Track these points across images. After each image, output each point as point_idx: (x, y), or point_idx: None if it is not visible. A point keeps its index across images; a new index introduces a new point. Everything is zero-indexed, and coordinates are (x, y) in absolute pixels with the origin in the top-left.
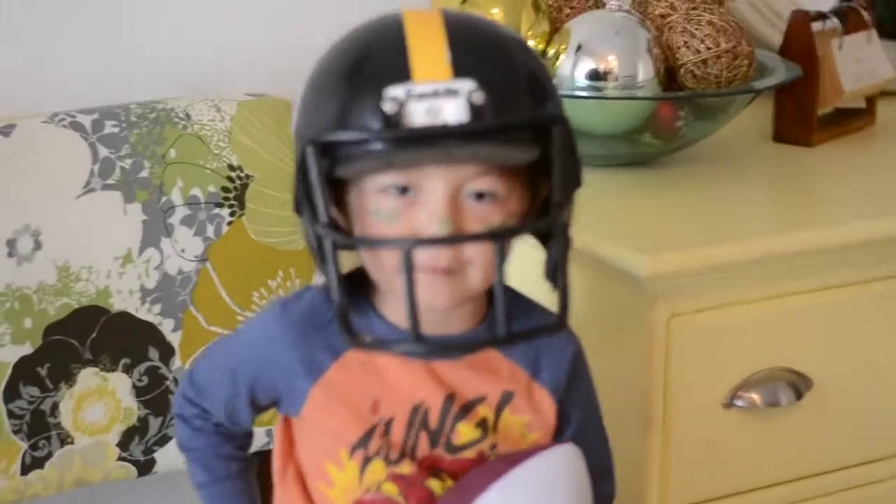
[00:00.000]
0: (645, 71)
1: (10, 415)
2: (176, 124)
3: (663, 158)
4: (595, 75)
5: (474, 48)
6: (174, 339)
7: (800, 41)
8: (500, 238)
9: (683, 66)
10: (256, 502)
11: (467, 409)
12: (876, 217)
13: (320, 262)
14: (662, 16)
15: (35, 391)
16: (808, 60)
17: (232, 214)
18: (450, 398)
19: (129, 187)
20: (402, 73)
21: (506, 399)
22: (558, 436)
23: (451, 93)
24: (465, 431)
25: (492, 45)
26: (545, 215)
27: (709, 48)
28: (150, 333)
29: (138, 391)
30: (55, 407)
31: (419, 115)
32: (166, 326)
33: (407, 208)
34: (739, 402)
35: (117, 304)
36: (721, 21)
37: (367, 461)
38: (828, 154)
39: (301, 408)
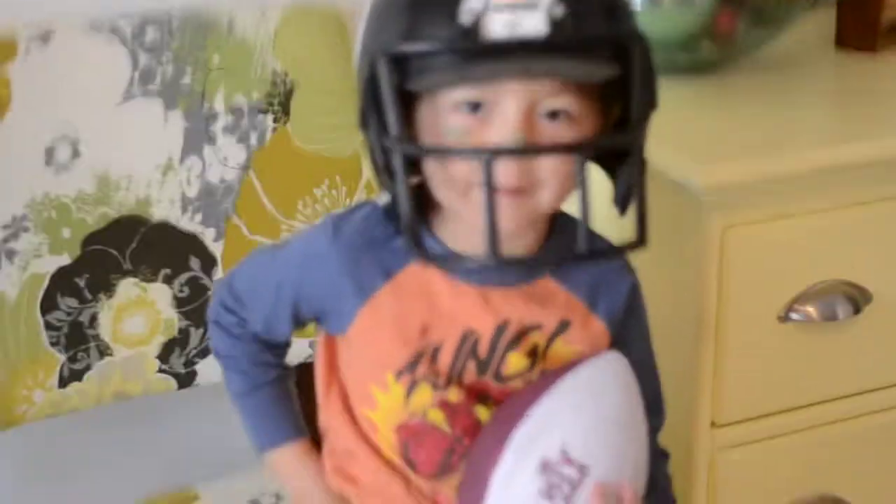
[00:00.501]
0: None
1: (48, 326)
2: (219, 31)
3: (722, 66)
4: None
5: None
6: (216, 248)
7: None
8: (582, 151)
9: None
10: (296, 410)
11: (520, 336)
12: None
13: (387, 178)
14: None
15: (73, 302)
16: None
17: (276, 122)
18: (502, 327)
19: (171, 95)
20: None
21: (562, 328)
22: None
23: (531, 5)
24: (515, 361)
25: None
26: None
27: None
28: (191, 243)
29: (179, 302)
30: (94, 318)
31: (497, 27)
32: (208, 236)
33: (480, 126)
34: (795, 316)
35: (158, 213)
36: None
37: (413, 385)
38: (892, 61)
39: (347, 327)
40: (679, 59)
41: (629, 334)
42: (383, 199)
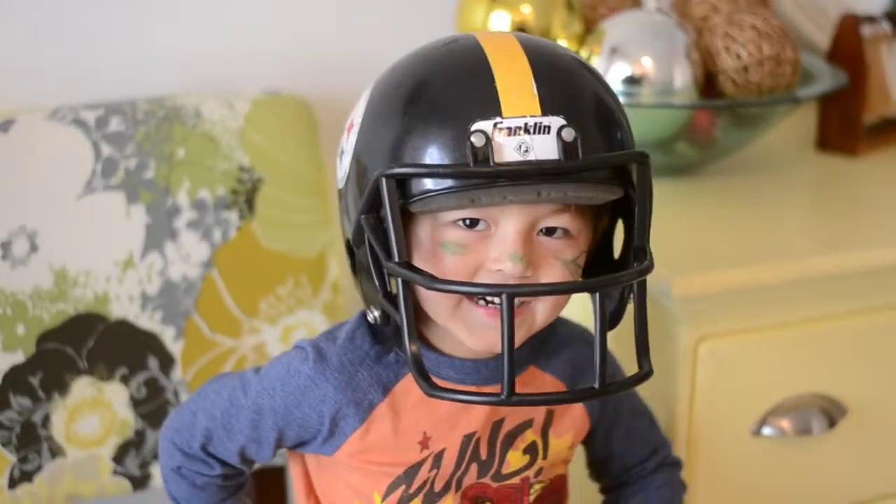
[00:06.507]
0: (682, 76)
1: None
2: (185, 122)
3: (698, 168)
4: (629, 80)
5: (558, 82)
6: (175, 348)
7: (848, 46)
8: (601, 289)
9: (723, 73)
10: None
11: (514, 435)
12: None
13: (385, 301)
14: (703, 18)
15: (26, 402)
16: (856, 66)
17: (241, 218)
18: (497, 423)
19: (133, 188)
20: (490, 106)
21: (549, 419)
22: (602, 437)
23: (543, 128)
24: (514, 459)
25: (572, 77)
26: (605, 247)
27: (751, 54)
28: (149, 342)
29: (135, 403)
30: (47, 418)
31: (509, 151)
32: (167, 335)
33: (477, 241)
34: (768, 430)
35: (116, 311)
36: (765, 25)
37: (404, 501)
38: (873, 165)
39: (340, 446)
40: (655, 160)
41: (618, 399)
42: (366, 315)
